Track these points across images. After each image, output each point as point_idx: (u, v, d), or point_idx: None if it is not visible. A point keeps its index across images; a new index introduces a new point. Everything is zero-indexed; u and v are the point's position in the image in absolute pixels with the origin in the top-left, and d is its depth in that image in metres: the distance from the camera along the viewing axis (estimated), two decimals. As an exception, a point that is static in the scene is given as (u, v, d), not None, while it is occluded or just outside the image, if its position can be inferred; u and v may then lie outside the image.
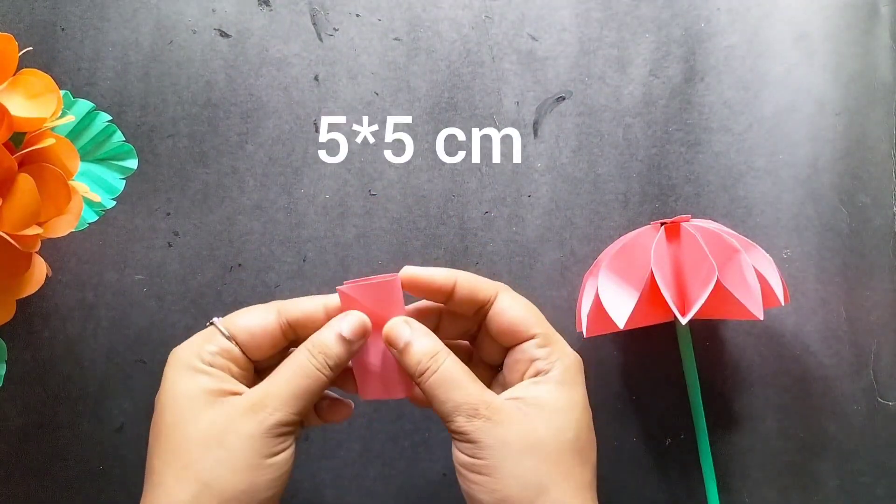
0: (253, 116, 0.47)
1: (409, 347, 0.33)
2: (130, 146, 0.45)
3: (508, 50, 0.48)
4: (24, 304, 0.41)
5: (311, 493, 0.44)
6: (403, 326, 0.33)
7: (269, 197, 0.46)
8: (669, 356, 0.45)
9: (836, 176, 0.46)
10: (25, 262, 0.37)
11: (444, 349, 0.33)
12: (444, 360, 0.33)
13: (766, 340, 0.45)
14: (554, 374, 0.33)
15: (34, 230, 0.36)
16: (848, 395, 0.44)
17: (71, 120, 0.41)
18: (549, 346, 0.34)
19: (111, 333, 0.45)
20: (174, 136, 0.46)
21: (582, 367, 0.34)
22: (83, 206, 0.41)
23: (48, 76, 0.38)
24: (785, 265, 0.45)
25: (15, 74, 0.37)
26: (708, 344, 0.45)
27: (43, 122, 0.37)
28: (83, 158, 0.44)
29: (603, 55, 0.48)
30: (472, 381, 0.32)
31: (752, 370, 0.45)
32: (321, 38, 0.48)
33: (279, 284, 0.45)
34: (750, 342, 0.45)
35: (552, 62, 0.48)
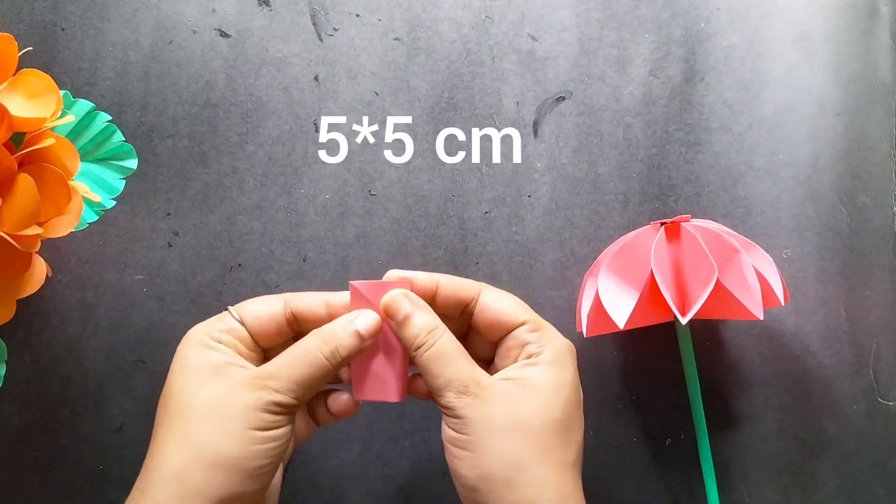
0: (253, 116, 0.47)
1: (408, 320, 0.34)
2: (130, 146, 0.45)
3: (508, 50, 0.48)
4: (24, 304, 0.41)
5: (311, 493, 0.44)
6: (403, 300, 0.34)
7: (269, 197, 0.46)
8: (669, 356, 0.45)
9: (836, 176, 0.46)
10: (25, 262, 0.37)
11: (441, 325, 0.34)
12: (440, 335, 0.34)
13: (766, 340, 0.45)
14: (545, 356, 0.34)
15: (34, 230, 0.36)
16: (848, 395, 0.44)
17: (71, 120, 0.41)
18: (539, 330, 0.34)
19: (111, 333, 0.45)
20: (174, 136, 0.46)
21: (573, 351, 0.35)
22: (83, 206, 0.41)
23: (48, 76, 0.38)
24: (785, 265, 0.45)
25: (15, 74, 0.37)
26: (708, 344, 0.45)
27: (43, 122, 0.37)
28: (83, 158, 0.44)
29: (603, 55, 0.48)
30: (465, 358, 0.33)
31: (752, 370, 0.45)
32: (321, 38, 0.48)
33: (279, 284, 0.45)
34: (750, 342, 0.45)
35: (552, 62, 0.48)
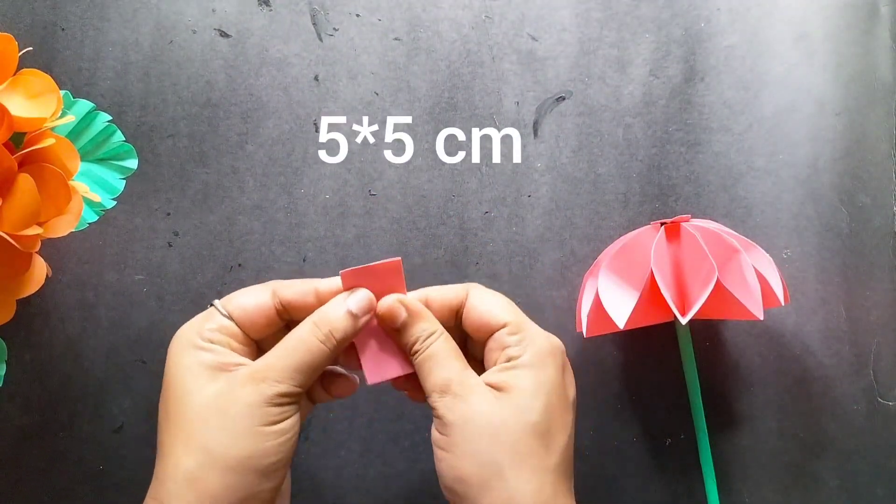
0: (253, 116, 0.47)
1: (405, 327, 0.34)
2: (130, 146, 0.45)
3: (508, 50, 0.48)
4: (24, 304, 0.41)
5: (311, 493, 0.44)
6: (399, 307, 0.34)
7: (269, 197, 0.46)
8: (669, 356, 0.45)
9: (836, 176, 0.46)
10: (25, 262, 0.37)
11: (438, 329, 0.34)
12: (436, 339, 0.34)
13: (766, 340, 0.45)
14: (524, 358, 0.33)
15: (34, 230, 0.36)
16: (848, 395, 0.44)
17: (71, 120, 0.42)
18: (519, 333, 0.34)
19: (111, 333, 0.45)
20: (174, 136, 0.46)
21: (557, 351, 0.34)
22: (83, 206, 0.41)
23: (48, 76, 0.38)
24: (785, 265, 0.45)
25: (15, 74, 0.37)
26: (708, 344, 0.45)
27: (43, 122, 0.37)
28: (83, 158, 0.44)
29: (603, 55, 0.48)
30: (456, 360, 0.34)
31: (752, 370, 0.45)
32: (321, 38, 0.48)
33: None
34: (750, 342, 0.45)
35: (552, 62, 0.48)
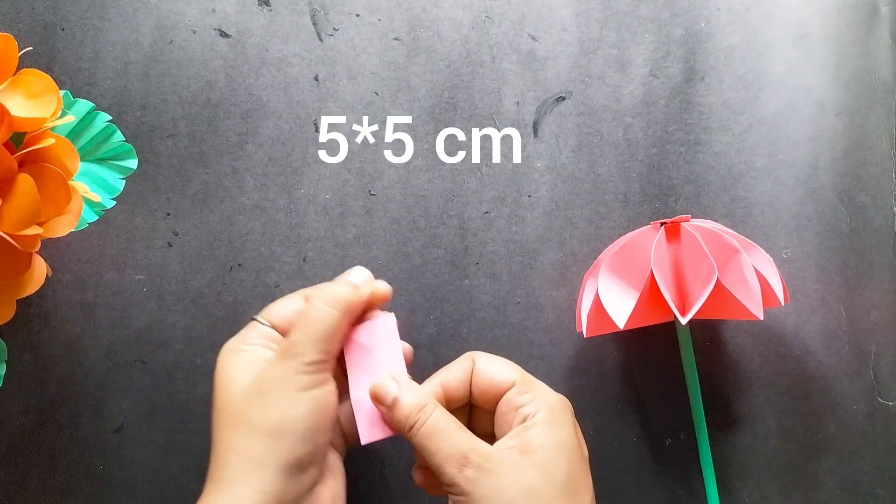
0: (253, 116, 0.47)
1: (396, 402, 0.34)
2: (130, 146, 0.45)
3: (508, 50, 0.48)
4: (24, 304, 0.41)
5: (311, 493, 0.44)
6: (390, 383, 0.35)
7: (269, 197, 0.46)
8: (669, 356, 0.45)
9: (836, 176, 0.46)
10: (25, 262, 0.37)
11: (432, 402, 0.34)
12: (431, 411, 0.33)
13: (766, 340, 0.45)
14: (541, 416, 0.33)
15: (34, 230, 0.36)
16: (848, 395, 0.44)
17: (71, 120, 0.41)
18: (529, 390, 0.34)
19: (111, 333, 0.45)
20: (174, 136, 0.46)
21: (567, 406, 0.35)
22: (83, 206, 0.41)
23: (48, 76, 0.38)
24: (785, 265, 0.45)
25: (15, 74, 0.37)
26: (708, 344, 0.45)
27: (43, 122, 0.37)
28: (83, 158, 0.44)
29: (603, 55, 0.48)
30: (460, 429, 0.33)
31: (752, 370, 0.45)
32: (321, 38, 0.48)
33: (279, 284, 0.45)
34: (750, 342, 0.45)
35: (552, 62, 0.48)
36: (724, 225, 0.43)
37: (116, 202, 0.45)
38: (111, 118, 0.45)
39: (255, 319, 0.37)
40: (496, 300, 0.45)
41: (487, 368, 0.35)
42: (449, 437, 0.32)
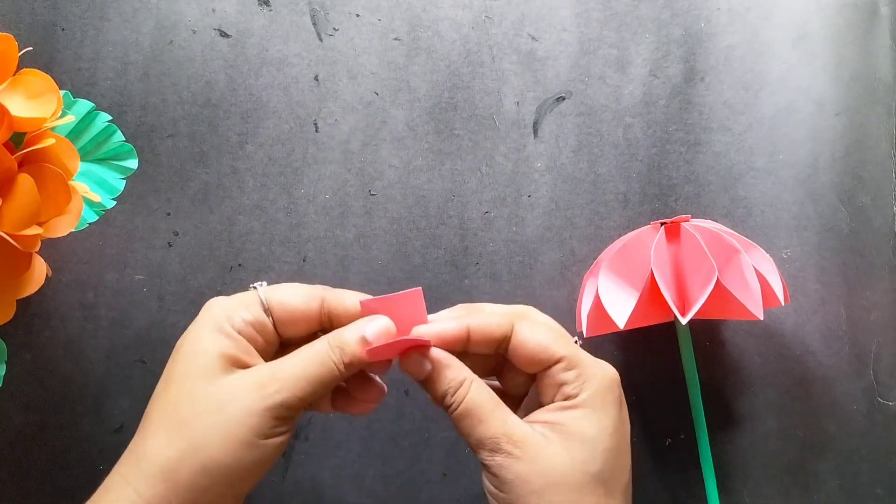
0: (253, 116, 0.47)
1: (432, 382, 0.32)
2: (130, 146, 0.45)
3: (508, 50, 0.48)
4: (24, 304, 0.41)
5: (311, 493, 0.44)
6: (422, 360, 0.32)
7: (269, 197, 0.46)
8: (669, 356, 0.44)
9: (836, 176, 0.46)
10: (25, 262, 0.37)
11: (469, 377, 0.32)
12: (468, 390, 0.32)
13: (766, 340, 0.45)
14: (582, 397, 0.32)
15: (34, 230, 0.36)
16: (848, 395, 0.44)
17: (71, 120, 0.41)
18: (575, 368, 0.32)
19: (111, 333, 0.45)
20: (174, 136, 0.46)
21: (615, 384, 0.33)
22: (83, 206, 0.41)
23: (48, 76, 0.38)
24: (785, 265, 0.45)
25: (15, 74, 0.37)
26: (708, 344, 0.45)
27: (43, 122, 0.37)
28: (83, 158, 0.44)
29: (603, 55, 0.48)
30: (495, 411, 0.32)
31: (752, 370, 0.45)
32: (321, 38, 0.48)
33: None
34: (750, 342, 0.45)
35: (552, 62, 0.48)
36: (724, 225, 0.43)
37: (116, 202, 0.45)
38: (111, 118, 0.45)
39: (254, 289, 0.34)
40: (496, 300, 0.45)
41: (530, 337, 0.33)
42: (483, 420, 0.31)
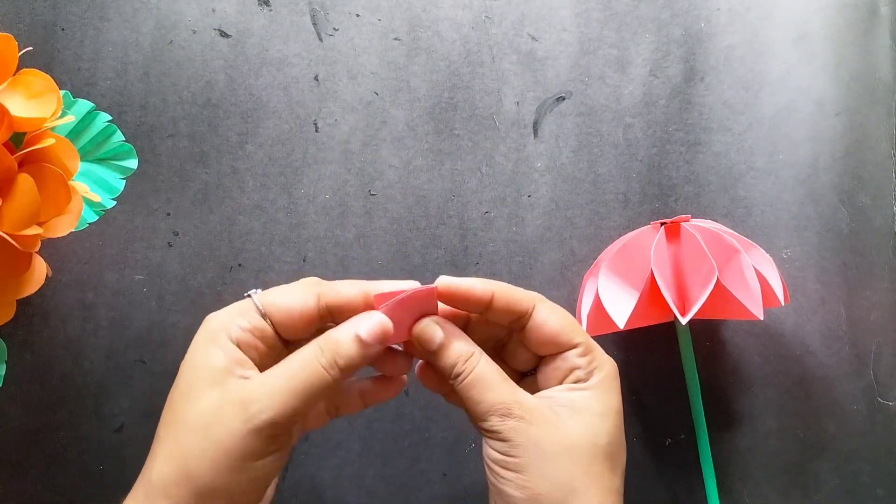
0: (253, 116, 0.47)
1: (443, 350, 0.33)
2: (130, 146, 0.45)
3: (508, 50, 0.48)
4: (24, 304, 0.41)
5: (311, 493, 0.44)
6: (435, 329, 0.33)
7: (269, 197, 0.46)
8: (669, 356, 0.44)
9: (836, 176, 0.46)
10: (25, 262, 0.37)
11: (478, 350, 0.33)
12: (478, 361, 0.33)
13: (766, 340, 0.45)
14: (593, 381, 0.33)
15: (34, 230, 0.36)
16: (848, 395, 0.44)
17: (71, 120, 0.41)
18: (589, 354, 0.33)
19: (111, 333, 0.45)
20: (174, 136, 0.46)
21: (618, 373, 0.34)
22: (83, 206, 0.41)
23: (48, 76, 0.38)
24: (785, 265, 0.45)
25: (15, 74, 0.37)
26: (708, 344, 0.45)
27: (43, 122, 0.37)
28: (83, 158, 0.44)
29: (603, 55, 0.48)
30: (505, 381, 0.33)
31: (752, 370, 0.45)
32: (321, 38, 0.48)
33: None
34: (750, 342, 0.45)
35: (552, 62, 0.48)
36: (724, 225, 0.43)
37: (116, 202, 0.45)
38: (111, 118, 0.45)
39: (249, 297, 0.33)
40: (496, 300, 0.45)
41: (548, 320, 0.33)
42: (493, 388, 0.32)
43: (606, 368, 0.33)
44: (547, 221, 0.46)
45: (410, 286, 0.32)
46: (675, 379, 0.44)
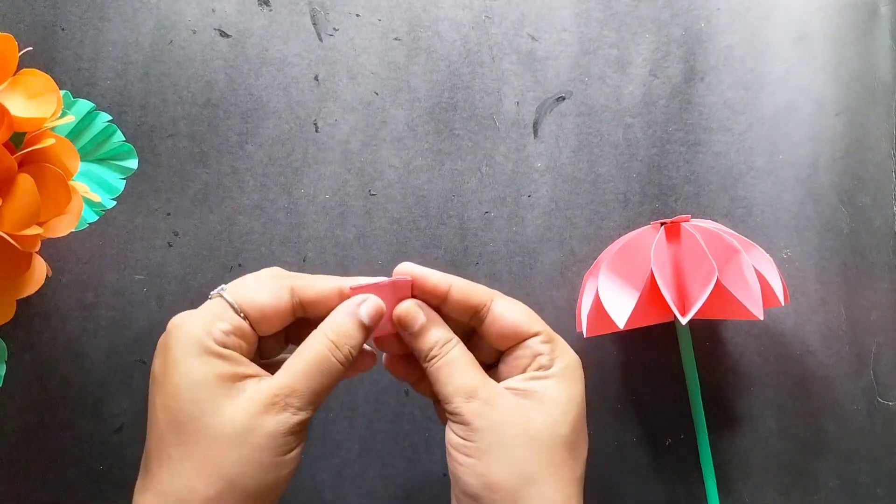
0: (253, 116, 0.47)
1: (423, 332, 0.34)
2: (130, 146, 0.45)
3: (508, 50, 0.48)
4: (24, 304, 0.41)
5: (311, 493, 0.44)
6: (419, 311, 0.34)
7: (269, 197, 0.46)
8: (669, 356, 0.45)
9: (836, 176, 0.46)
10: (25, 262, 0.37)
11: (455, 338, 0.34)
12: (452, 347, 0.34)
13: (766, 340, 0.45)
14: (555, 369, 0.33)
15: (34, 230, 0.36)
16: (848, 395, 0.44)
17: (71, 120, 0.41)
18: (551, 342, 0.34)
19: (111, 333, 0.45)
20: (174, 136, 0.46)
21: (581, 366, 0.35)
22: (83, 206, 0.40)
23: (48, 76, 0.37)
24: (785, 265, 0.45)
25: (15, 74, 0.37)
26: (708, 344, 0.45)
27: (43, 122, 0.37)
28: (83, 158, 0.44)
29: (603, 55, 0.48)
30: (475, 367, 0.33)
31: (752, 370, 0.45)
32: (321, 38, 0.48)
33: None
34: (750, 342, 0.45)
35: (552, 62, 0.48)
36: (724, 225, 0.43)
37: (116, 202, 0.45)
38: (111, 118, 0.45)
39: (220, 296, 0.33)
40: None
41: (507, 312, 0.34)
42: (463, 370, 0.33)
43: (569, 358, 0.34)
44: (547, 221, 0.46)
45: (382, 280, 0.34)
46: (675, 379, 0.44)
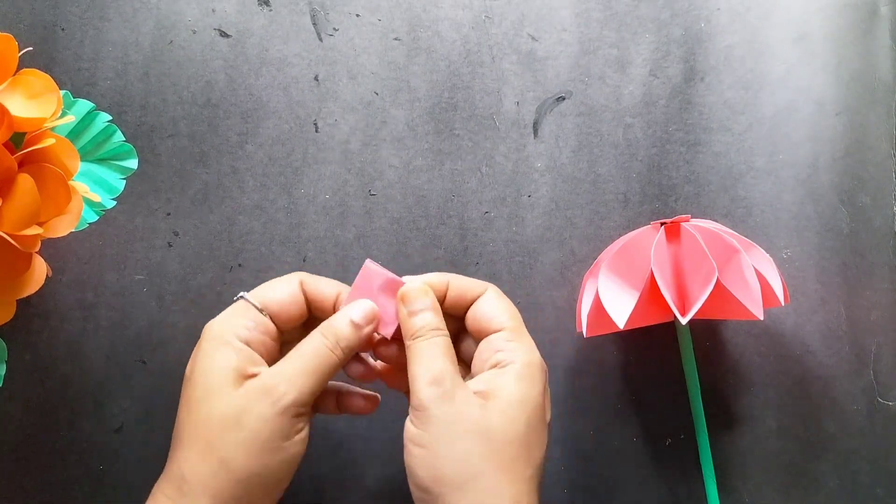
0: (253, 116, 0.47)
1: (419, 313, 0.35)
2: (130, 146, 0.45)
3: (508, 50, 0.48)
4: (24, 304, 0.41)
5: (311, 493, 0.44)
6: (424, 296, 0.35)
7: (269, 197, 0.46)
8: (669, 356, 0.45)
9: (836, 176, 0.46)
10: (25, 262, 0.37)
11: (445, 331, 0.35)
12: (439, 335, 0.34)
13: (766, 340, 0.45)
14: (514, 367, 0.34)
15: (34, 230, 0.36)
16: (848, 395, 0.44)
17: (71, 120, 0.41)
18: (515, 341, 0.35)
19: (111, 333, 0.45)
20: (174, 136, 0.46)
21: (545, 369, 0.35)
22: (83, 206, 0.40)
23: (48, 76, 0.37)
24: (785, 265, 0.45)
25: (15, 74, 0.37)
26: (708, 344, 0.45)
27: (43, 122, 0.37)
28: (83, 158, 0.44)
29: (603, 55, 0.48)
30: (451, 361, 0.34)
31: (752, 370, 0.45)
32: (321, 38, 0.48)
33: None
34: (750, 342, 0.45)
35: (552, 62, 0.48)
36: (724, 225, 0.43)
37: (116, 202, 0.45)
38: (111, 118, 0.45)
39: (244, 298, 0.35)
40: (496, 300, 0.45)
41: (486, 304, 0.36)
42: (438, 357, 0.34)
43: (531, 358, 0.34)
44: (547, 221, 0.46)
45: (389, 276, 0.37)
46: (675, 379, 0.44)
